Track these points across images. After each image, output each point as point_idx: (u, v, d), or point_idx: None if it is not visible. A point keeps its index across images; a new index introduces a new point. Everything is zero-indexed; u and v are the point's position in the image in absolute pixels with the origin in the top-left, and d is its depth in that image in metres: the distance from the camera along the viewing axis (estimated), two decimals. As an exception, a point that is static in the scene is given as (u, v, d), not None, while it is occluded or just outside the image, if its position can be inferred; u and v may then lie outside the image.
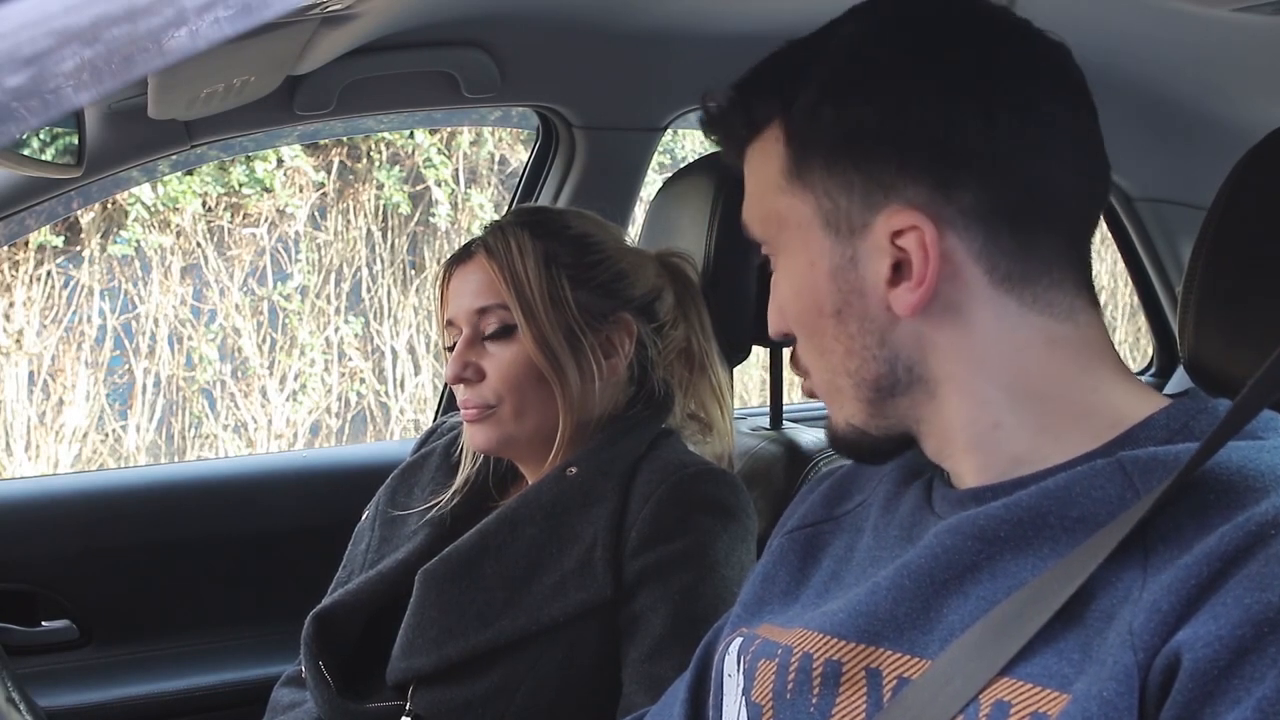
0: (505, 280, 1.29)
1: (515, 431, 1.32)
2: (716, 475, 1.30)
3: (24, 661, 1.77)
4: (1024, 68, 0.76)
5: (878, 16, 0.79)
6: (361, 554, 1.41)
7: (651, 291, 1.37)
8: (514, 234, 1.31)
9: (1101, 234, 5.45)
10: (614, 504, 1.26)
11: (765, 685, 0.81)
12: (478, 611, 1.25)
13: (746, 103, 0.81)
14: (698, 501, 1.26)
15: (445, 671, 1.25)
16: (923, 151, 0.74)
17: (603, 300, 1.33)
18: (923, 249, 0.74)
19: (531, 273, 1.29)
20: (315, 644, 1.33)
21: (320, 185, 4.61)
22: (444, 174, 4.69)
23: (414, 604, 1.28)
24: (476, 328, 1.32)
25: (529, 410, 1.31)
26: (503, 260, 1.30)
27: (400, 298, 4.72)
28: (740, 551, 1.28)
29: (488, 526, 1.30)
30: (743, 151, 0.83)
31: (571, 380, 1.30)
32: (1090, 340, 0.77)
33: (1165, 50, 1.86)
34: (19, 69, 0.37)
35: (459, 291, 1.34)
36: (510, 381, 1.30)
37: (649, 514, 1.24)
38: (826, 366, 0.81)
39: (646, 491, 1.26)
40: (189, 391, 4.48)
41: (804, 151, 0.78)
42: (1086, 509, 0.70)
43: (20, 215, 1.65)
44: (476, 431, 1.33)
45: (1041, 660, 0.67)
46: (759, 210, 0.83)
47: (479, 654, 1.24)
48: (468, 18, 1.72)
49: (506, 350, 1.30)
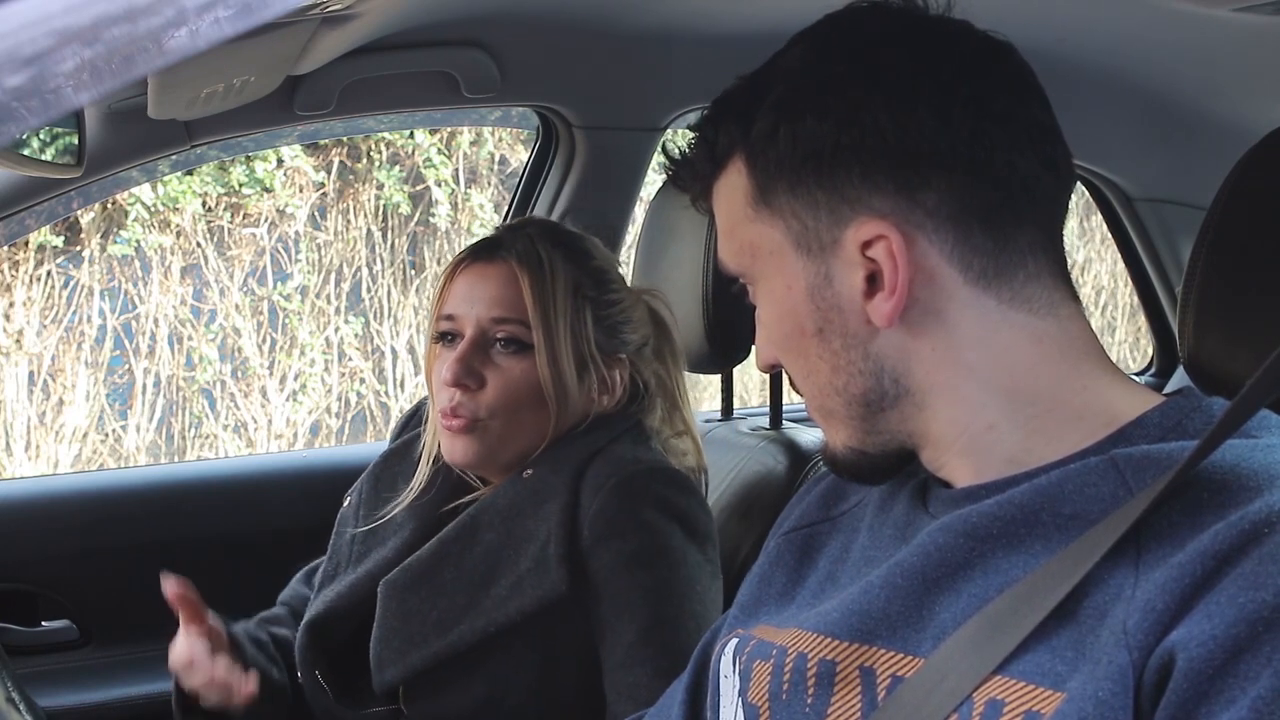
0: (534, 297, 1.26)
1: (497, 450, 1.29)
2: (668, 474, 1.28)
3: (24, 661, 1.77)
4: (970, 67, 0.77)
5: (821, 37, 0.81)
6: (347, 545, 1.39)
7: (642, 337, 1.37)
8: (546, 251, 1.28)
9: (1102, 234, 5.45)
10: (565, 499, 1.24)
11: (761, 686, 0.81)
12: (438, 618, 1.24)
13: (708, 138, 0.83)
14: (645, 499, 1.24)
15: (421, 682, 1.25)
16: (882, 159, 0.75)
17: (610, 339, 1.32)
18: (891, 257, 0.75)
19: (561, 296, 1.27)
20: (310, 653, 1.32)
21: (320, 185, 4.61)
22: (444, 174, 4.69)
23: (379, 615, 1.28)
24: (487, 335, 1.28)
25: (518, 432, 1.28)
26: (535, 277, 1.27)
27: (400, 298, 4.72)
28: (694, 550, 1.26)
29: (447, 535, 1.29)
30: (710, 190, 0.84)
31: (570, 409, 1.29)
32: (1075, 336, 0.78)
33: (1165, 50, 1.86)
34: (19, 69, 0.37)
35: (474, 291, 1.29)
36: (510, 399, 1.27)
37: (598, 508, 1.23)
38: (815, 387, 0.81)
39: (596, 485, 1.24)
40: (189, 391, 4.48)
41: (767, 177, 0.79)
42: (1079, 506, 0.71)
43: (20, 215, 1.65)
44: (457, 444, 1.28)
45: (1035, 658, 0.67)
46: (732, 245, 0.83)
47: (444, 660, 1.23)
48: (468, 18, 1.72)
49: (515, 366, 1.27)
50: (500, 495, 1.29)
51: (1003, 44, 0.79)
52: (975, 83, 0.76)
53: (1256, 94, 1.97)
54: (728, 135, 0.81)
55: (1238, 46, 1.74)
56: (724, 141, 0.81)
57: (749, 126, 0.79)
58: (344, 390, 4.64)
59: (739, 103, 0.81)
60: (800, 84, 0.78)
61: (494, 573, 1.25)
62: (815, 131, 0.76)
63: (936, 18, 0.80)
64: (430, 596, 1.26)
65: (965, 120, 0.75)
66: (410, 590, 1.27)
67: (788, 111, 0.78)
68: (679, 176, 0.87)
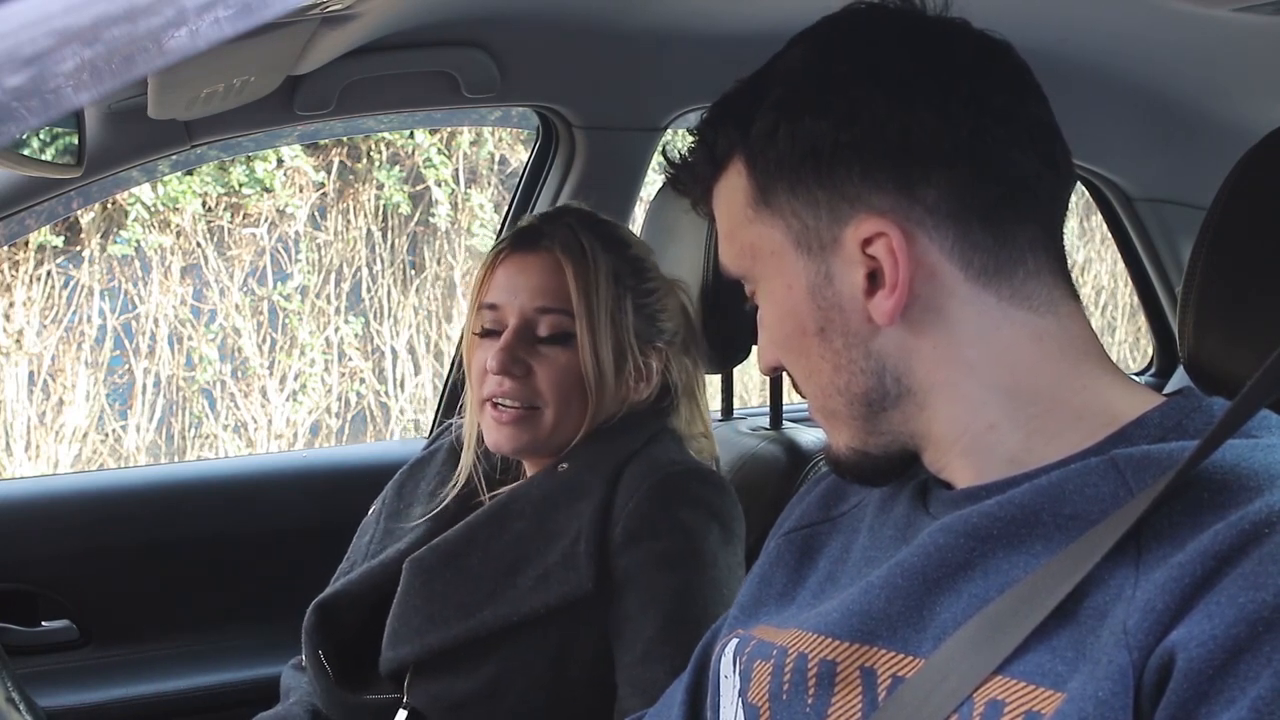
0: (578, 287, 1.27)
1: (548, 437, 1.31)
2: (704, 475, 1.29)
3: (24, 661, 1.77)
4: (969, 65, 0.77)
5: (821, 37, 0.81)
6: (365, 546, 1.41)
7: (676, 327, 1.37)
8: (587, 240, 1.29)
9: (1102, 234, 5.44)
10: (600, 498, 1.25)
11: (761, 686, 0.81)
12: (460, 601, 1.25)
13: (707, 141, 0.83)
14: (684, 499, 1.25)
15: (432, 663, 1.26)
16: (882, 156, 0.75)
17: (648, 327, 1.33)
18: (892, 254, 0.75)
19: (604, 286, 1.28)
20: (317, 633, 1.33)
21: (320, 185, 4.61)
22: (444, 174, 4.69)
23: (400, 593, 1.29)
24: (531, 324, 1.30)
25: (567, 419, 1.30)
26: (579, 267, 1.28)
27: (400, 298, 4.72)
28: (727, 553, 1.27)
29: (477, 519, 1.30)
30: (710, 193, 0.84)
31: (607, 398, 1.30)
32: (1075, 335, 0.78)
33: (1165, 50, 1.86)
34: (19, 69, 0.37)
35: (517, 280, 1.30)
36: (559, 388, 1.28)
37: (634, 509, 1.24)
38: (817, 387, 0.81)
39: (633, 486, 1.25)
40: (189, 391, 4.48)
41: (767, 177, 0.79)
42: (1079, 506, 0.70)
43: (20, 215, 1.65)
44: (508, 433, 1.30)
45: (1035, 658, 0.67)
46: (733, 247, 0.83)
47: (461, 644, 1.24)
48: (468, 18, 1.72)
49: (561, 356, 1.29)
50: (534, 486, 1.30)
51: (1000, 43, 0.80)
52: (974, 81, 0.76)
53: (1256, 94, 1.97)
54: (727, 137, 0.81)
55: (1238, 46, 1.74)
56: (723, 143, 0.81)
57: (748, 127, 0.79)
58: (344, 390, 4.64)
59: (738, 105, 0.81)
60: (800, 84, 0.78)
61: (521, 562, 1.25)
62: (815, 130, 0.76)
63: (934, 18, 0.80)
64: (455, 579, 1.26)
65: (965, 117, 0.75)
66: (436, 571, 1.28)
67: (787, 111, 0.78)
68: (679, 180, 0.87)
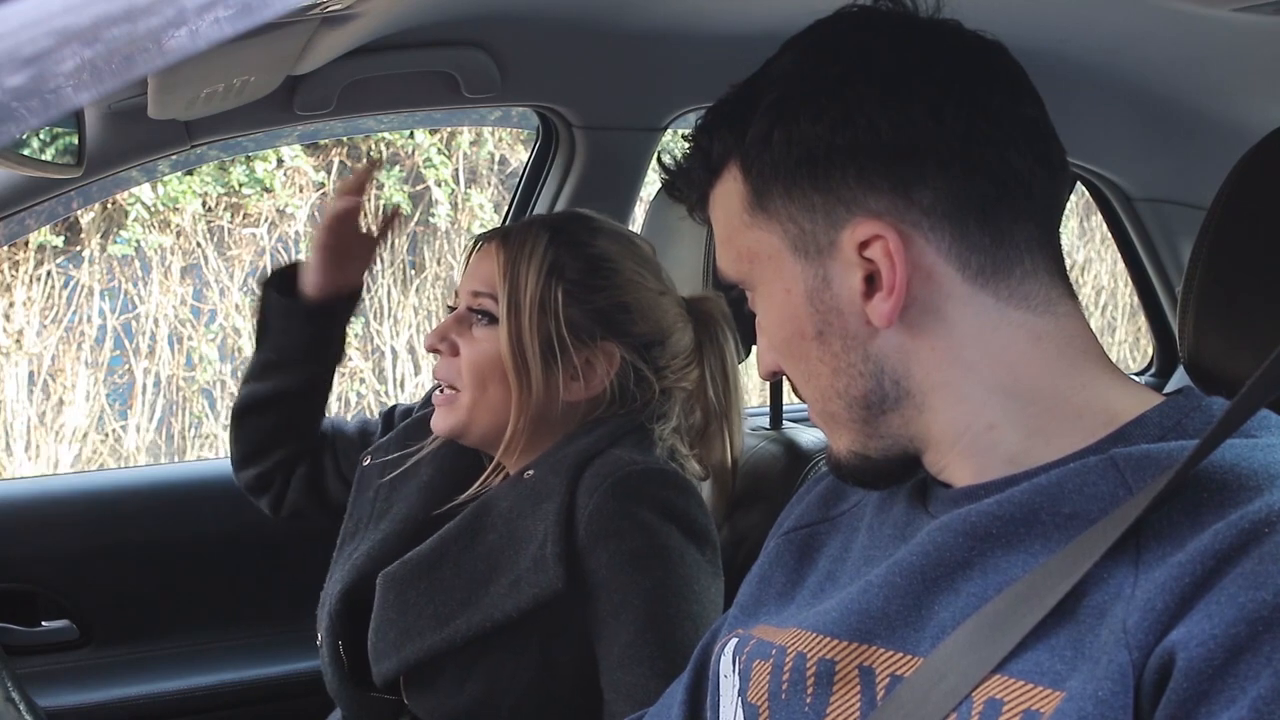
0: (503, 274, 1.32)
1: (469, 421, 1.34)
2: (664, 475, 1.28)
3: (24, 661, 1.77)
4: (962, 66, 0.77)
5: (813, 41, 0.81)
6: (369, 501, 1.44)
7: (656, 333, 1.35)
8: (533, 234, 1.34)
9: (1102, 234, 5.43)
10: (562, 500, 1.25)
11: (760, 686, 0.81)
12: (434, 612, 1.26)
13: (702, 147, 0.83)
14: (640, 499, 1.25)
15: (419, 676, 1.27)
16: (877, 158, 0.75)
17: (594, 324, 1.32)
18: (889, 256, 0.75)
19: (530, 275, 1.31)
20: (339, 623, 1.34)
21: (320, 185, 4.61)
22: (444, 174, 4.70)
23: (376, 607, 1.30)
24: (470, 308, 1.35)
25: (483, 404, 1.33)
26: (509, 255, 1.33)
27: (400, 298, 4.72)
28: (693, 550, 1.26)
29: (448, 533, 1.31)
30: (706, 199, 0.84)
31: (533, 388, 1.31)
32: (1073, 335, 0.78)
33: (1165, 50, 1.86)
34: (19, 69, 0.37)
35: (472, 269, 1.38)
36: (476, 369, 1.33)
37: (594, 509, 1.24)
38: (817, 391, 0.81)
39: (592, 486, 1.25)
40: (189, 391, 4.48)
41: (763, 181, 0.79)
42: (1079, 505, 0.71)
43: (20, 215, 1.65)
44: (438, 415, 1.37)
45: (1034, 657, 0.67)
46: (730, 252, 0.83)
47: (439, 654, 1.25)
48: (468, 18, 1.72)
49: (486, 339, 1.33)
50: (503, 497, 1.31)
51: (993, 44, 0.80)
52: (968, 81, 0.76)
53: (1256, 94, 1.97)
54: (722, 142, 0.81)
55: (1238, 46, 1.74)
56: (719, 149, 0.81)
57: (743, 133, 0.79)
58: (344, 390, 4.64)
59: (732, 110, 0.81)
60: (793, 88, 0.78)
61: (494, 572, 1.26)
62: (809, 133, 0.76)
63: (927, 19, 0.80)
64: (428, 591, 1.27)
65: (959, 118, 0.75)
66: (408, 584, 1.29)
67: (782, 115, 0.78)
68: (675, 186, 0.87)
